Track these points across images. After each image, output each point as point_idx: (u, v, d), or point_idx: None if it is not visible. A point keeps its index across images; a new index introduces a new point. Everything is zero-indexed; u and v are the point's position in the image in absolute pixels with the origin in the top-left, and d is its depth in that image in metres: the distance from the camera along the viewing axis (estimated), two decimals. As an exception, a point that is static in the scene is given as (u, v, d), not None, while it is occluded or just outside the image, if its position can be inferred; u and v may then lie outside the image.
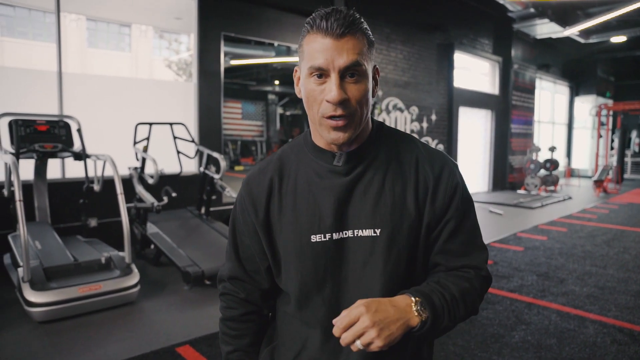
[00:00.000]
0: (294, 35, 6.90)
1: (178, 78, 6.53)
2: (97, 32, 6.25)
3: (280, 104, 18.48)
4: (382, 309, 0.77)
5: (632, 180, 14.85)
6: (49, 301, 3.19)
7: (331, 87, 0.83)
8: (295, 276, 0.93)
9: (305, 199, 0.92)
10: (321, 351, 0.94)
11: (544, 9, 10.03)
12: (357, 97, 0.85)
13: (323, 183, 0.92)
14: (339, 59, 0.82)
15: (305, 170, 0.94)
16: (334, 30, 0.82)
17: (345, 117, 0.85)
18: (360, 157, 0.92)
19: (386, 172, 0.92)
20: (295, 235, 0.92)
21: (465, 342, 3.04)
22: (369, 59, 0.87)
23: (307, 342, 0.96)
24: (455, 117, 9.99)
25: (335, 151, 0.92)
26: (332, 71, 0.83)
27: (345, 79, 0.84)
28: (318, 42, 0.83)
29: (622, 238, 6.26)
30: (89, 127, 4.68)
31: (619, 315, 3.50)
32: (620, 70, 17.27)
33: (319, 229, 0.90)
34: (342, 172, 0.91)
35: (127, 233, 3.73)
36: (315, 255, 0.91)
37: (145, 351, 2.83)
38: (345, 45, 0.82)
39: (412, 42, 8.80)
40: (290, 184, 0.95)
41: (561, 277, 4.47)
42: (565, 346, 2.98)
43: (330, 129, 0.86)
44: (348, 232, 0.90)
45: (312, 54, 0.84)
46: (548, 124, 15.27)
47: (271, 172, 0.97)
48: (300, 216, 0.92)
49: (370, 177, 0.91)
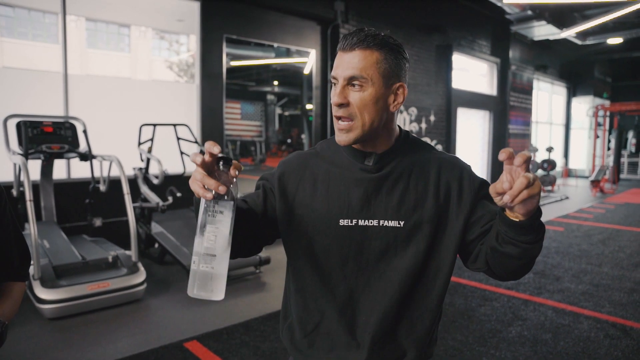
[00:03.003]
0: (294, 37, 6.99)
1: (179, 79, 6.61)
2: (97, 32, 6.31)
3: (279, 104, 18.56)
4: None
5: (628, 180, 14.98)
6: (59, 298, 3.28)
7: (335, 92, 0.99)
8: (321, 252, 1.05)
9: (337, 188, 1.05)
10: (338, 323, 1.06)
11: (541, 12, 10.13)
12: (357, 104, 0.97)
13: (354, 176, 1.05)
14: (344, 70, 0.98)
15: (338, 163, 1.08)
16: (345, 46, 0.99)
17: (348, 120, 0.99)
18: (388, 159, 1.06)
19: (410, 173, 1.06)
20: (325, 217, 1.04)
21: (463, 337, 3.13)
22: (382, 72, 0.99)
23: (325, 315, 1.07)
24: (453, 118, 10.08)
25: (365, 150, 1.05)
26: (339, 80, 0.99)
27: (349, 87, 0.98)
28: (337, 57, 1.01)
29: (617, 237, 6.36)
30: (92, 128, 4.76)
31: (612, 311, 3.61)
32: (617, 72, 17.40)
33: (347, 214, 1.03)
34: (372, 170, 1.05)
35: (133, 232, 3.82)
36: (341, 236, 1.04)
37: (153, 346, 2.93)
38: (351, 59, 0.97)
39: (411, 44, 8.90)
40: (323, 172, 1.08)
41: (557, 274, 4.57)
42: (560, 341, 3.08)
43: (338, 131, 1.01)
44: (373, 221, 1.03)
45: (334, 66, 1.02)
46: (545, 125, 15.38)
47: (305, 159, 1.11)
48: (332, 201, 1.04)
49: (396, 177, 1.05)
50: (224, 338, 3.07)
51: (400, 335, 1.07)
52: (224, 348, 2.93)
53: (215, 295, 0.84)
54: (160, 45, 6.79)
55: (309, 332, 1.09)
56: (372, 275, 1.04)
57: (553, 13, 10.36)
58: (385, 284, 1.04)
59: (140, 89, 5.74)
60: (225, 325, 3.25)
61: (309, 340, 1.10)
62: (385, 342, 1.06)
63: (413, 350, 1.07)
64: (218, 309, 3.59)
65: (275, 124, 18.61)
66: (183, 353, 2.86)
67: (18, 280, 1.07)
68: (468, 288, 4.13)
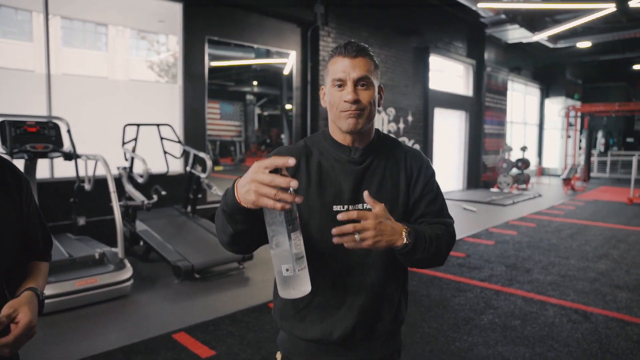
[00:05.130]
0: (275, 39, 7.13)
1: (160, 79, 6.67)
2: (73, 31, 6.26)
3: (258, 104, 18.63)
4: (385, 223, 1.06)
5: (598, 178, 15.53)
6: (47, 294, 3.35)
7: (348, 92, 1.17)
8: (315, 235, 1.20)
9: (329, 178, 1.22)
10: (329, 299, 1.23)
11: (514, 15, 10.50)
12: (366, 99, 1.18)
13: (343, 168, 1.23)
14: (353, 73, 1.17)
15: (327, 157, 1.24)
16: (349, 53, 1.18)
17: (359, 110, 1.17)
18: (369, 152, 1.25)
19: (386, 164, 1.26)
20: (320, 204, 1.20)
21: (438, 324, 3.33)
22: (374, 76, 1.21)
23: (317, 292, 1.22)
24: (430, 118, 10.35)
25: (351, 146, 1.23)
26: (348, 81, 1.17)
27: (358, 87, 1.18)
28: (339, 62, 1.19)
29: (585, 232, 6.68)
30: (75, 128, 4.79)
31: (576, 299, 3.86)
32: (587, 74, 18.03)
33: (340, 201, 1.21)
34: (357, 162, 1.23)
35: (119, 229, 3.91)
36: (335, 220, 1.16)
37: (143, 338, 3.03)
38: (358, 64, 1.17)
39: (390, 46, 9.12)
40: (315, 165, 1.23)
41: (528, 267, 4.82)
42: (527, 326, 3.30)
43: (347, 117, 1.18)
44: (359, 205, 1.20)
45: (335, 70, 1.19)
46: (520, 125, 15.84)
47: (299, 152, 1.26)
48: (326, 190, 1.21)
49: (375, 167, 1.25)
50: (211, 329, 3.20)
51: (383, 306, 1.25)
52: (211, 338, 3.05)
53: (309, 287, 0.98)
54: (138, 45, 6.81)
55: (301, 309, 1.24)
56: (360, 254, 1.20)
57: (525, 17, 10.74)
58: (371, 262, 1.22)
59: (122, 89, 5.80)
60: (212, 318, 3.38)
61: (301, 316, 1.25)
62: (369, 313, 1.23)
63: (389, 315, 1.26)
64: (204, 303, 3.71)
65: (255, 123, 18.68)
66: (172, 344, 2.98)
67: (43, 260, 1.20)
68: (444, 280, 4.34)
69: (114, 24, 6.48)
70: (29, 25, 5.29)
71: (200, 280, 4.21)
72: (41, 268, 1.17)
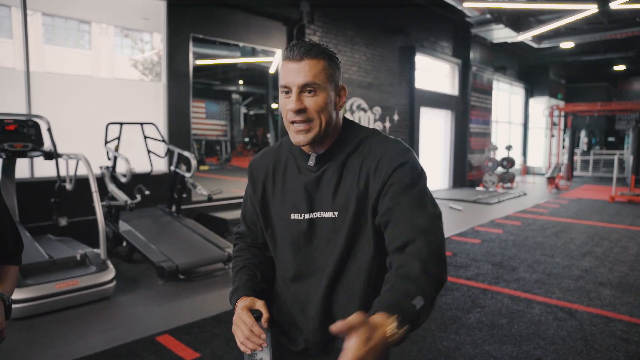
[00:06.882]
0: (260, 37, 7.07)
1: (144, 77, 6.57)
2: (55, 28, 6.15)
3: (244, 103, 18.51)
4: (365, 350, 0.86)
5: (581, 177, 15.75)
6: (25, 297, 3.26)
7: (292, 100, 1.07)
8: (280, 242, 1.22)
9: (290, 186, 1.20)
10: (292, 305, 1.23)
11: (499, 15, 10.58)
12: (314, 107, 1.08)
13: (301, 176, 1.18)
14: (298, 78, 1.06)
15: (292, 163, 1.21)
16: (294, 56, 1.07)
17: (306, 123, 1.08)
18: (326, 158, 1.16)
19: (343, 168, 1.15)
20: (282, 212, 1.20)
21: (425, 324, 3.30)
22: (328, 78, 1.09)
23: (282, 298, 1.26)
24: (416, 117, 10.38)
25: (311, 152, 1.17)
26: (293, 87, 1.07)
27: (304, 93, 1.07)
28: (285, 66, 1.09)
29: (569, 230, 6.75)
30: (56, 127, 4.69)
31: (561, 296, 3.88)
32: (570, 74, 18.28)
33: (297, 209, 1.17)
34: (313, 170, 1.17)
35: (102, 230, 3.82)
36: (293, 228, 1.18)
37: (126, 341, 2.97)
38: (303, 68, 1.06)
39: (375, 45, 9.12)
40: (281, 172, 1.22)
41: (514, 265, 4.84)
42: (514, 324, 3.31)
43: (294, 133, 1.11)
44: (316, 214, 1.16)
45: (282, 75, 1.10)
46: (505, 124, 15.98)
47: (269, 159, 1.25)
48: (286, 198, 1.20)
49: (331, 173, 1.15)
50: (196, 331, 3.14)
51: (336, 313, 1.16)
52: (196, 340, 3.00)
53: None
54: (122, 43, 6.71)
55: (272, 314, 1.22)
56: (316, 261, 1.18)
57: (510, 17, 10.83)
58: (324, 270, 1.17)
59: (105, 87, 5.69)
60: (197, 319, 3.32)
61: (271, 321, 1.21)
62: (326, 320, 1.16)
63: None
64: (189, 304, 3.65)
65: (241, 123, 18.57)
66: (155, 346, 2.91)
67: (13, 264, 1.15)
68: (430, 279, 4.32)
69: (97, 22, 6.38)
70: (8, 22, 5.16)
71: (184, 281, 4.15)
72: (9, 272, 1.12)
